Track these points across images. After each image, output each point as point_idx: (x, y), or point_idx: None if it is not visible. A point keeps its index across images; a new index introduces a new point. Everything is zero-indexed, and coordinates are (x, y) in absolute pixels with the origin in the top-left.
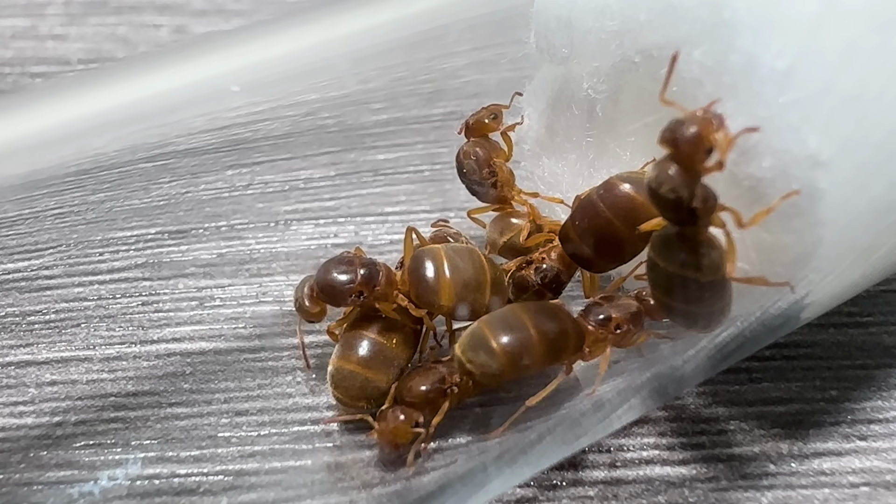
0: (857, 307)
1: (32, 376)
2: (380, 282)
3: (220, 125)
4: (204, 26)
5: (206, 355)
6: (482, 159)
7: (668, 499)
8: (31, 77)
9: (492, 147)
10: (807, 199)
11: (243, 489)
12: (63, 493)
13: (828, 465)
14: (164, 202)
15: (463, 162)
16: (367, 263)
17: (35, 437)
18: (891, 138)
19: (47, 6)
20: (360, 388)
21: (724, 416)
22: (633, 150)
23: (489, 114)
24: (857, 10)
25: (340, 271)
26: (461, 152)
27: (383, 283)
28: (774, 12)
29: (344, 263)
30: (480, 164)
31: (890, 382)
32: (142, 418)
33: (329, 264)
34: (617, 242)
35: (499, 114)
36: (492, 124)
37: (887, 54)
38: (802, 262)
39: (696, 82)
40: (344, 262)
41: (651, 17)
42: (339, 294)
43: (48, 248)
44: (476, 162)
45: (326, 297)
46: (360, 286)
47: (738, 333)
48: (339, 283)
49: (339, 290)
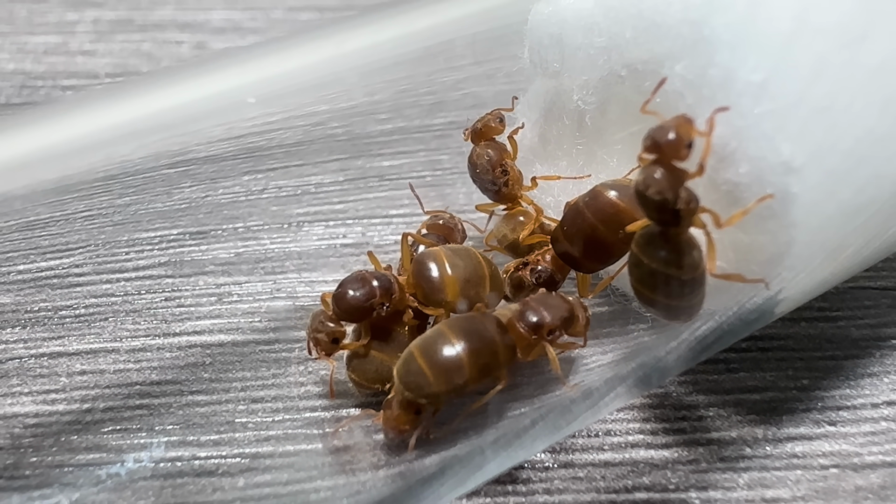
0: (826, 303)
1: (64, 366)
2: (395, 289)
3: (237, 134)
4: (222, 43)
5: (225, 347)
6: (495, 160)
7: (652, 480)
8: (62, 90)
9: (502, 149)
10: (780, 202)
11: (259, 471)
12: (92, 475)
13: (800, 448)
14: (186, 205)
15: (476, 163)
16: (378, 276)
17: (66, 423)
18: (858, 146)
19: (77, 24)
20: (376, 371)
21: (703, 403)
22: (620, 157)
23: (495, 117)
24: (826, 28)
25: (357, 289)
26: (474, 154)
27: (398, 290)
28: (750, 29)
29: (358, 282)
30: (493, 165)
31: (857, 372)
32: (165, 405)
33: (344, 286)
34: (602, 245)
35: (503, 117)
36: (498, 127)
37: (854, 68)
38: (776, 261)
39: (677, 94)
40: (357, 280)
41: (636, 34)
42: (364, 311)
43: (78, 247)
44: (489, 162)
45: (351, 316)
46: (381, 298)
47: (716, 327)
48: (360, 300)
49: (363, 307)
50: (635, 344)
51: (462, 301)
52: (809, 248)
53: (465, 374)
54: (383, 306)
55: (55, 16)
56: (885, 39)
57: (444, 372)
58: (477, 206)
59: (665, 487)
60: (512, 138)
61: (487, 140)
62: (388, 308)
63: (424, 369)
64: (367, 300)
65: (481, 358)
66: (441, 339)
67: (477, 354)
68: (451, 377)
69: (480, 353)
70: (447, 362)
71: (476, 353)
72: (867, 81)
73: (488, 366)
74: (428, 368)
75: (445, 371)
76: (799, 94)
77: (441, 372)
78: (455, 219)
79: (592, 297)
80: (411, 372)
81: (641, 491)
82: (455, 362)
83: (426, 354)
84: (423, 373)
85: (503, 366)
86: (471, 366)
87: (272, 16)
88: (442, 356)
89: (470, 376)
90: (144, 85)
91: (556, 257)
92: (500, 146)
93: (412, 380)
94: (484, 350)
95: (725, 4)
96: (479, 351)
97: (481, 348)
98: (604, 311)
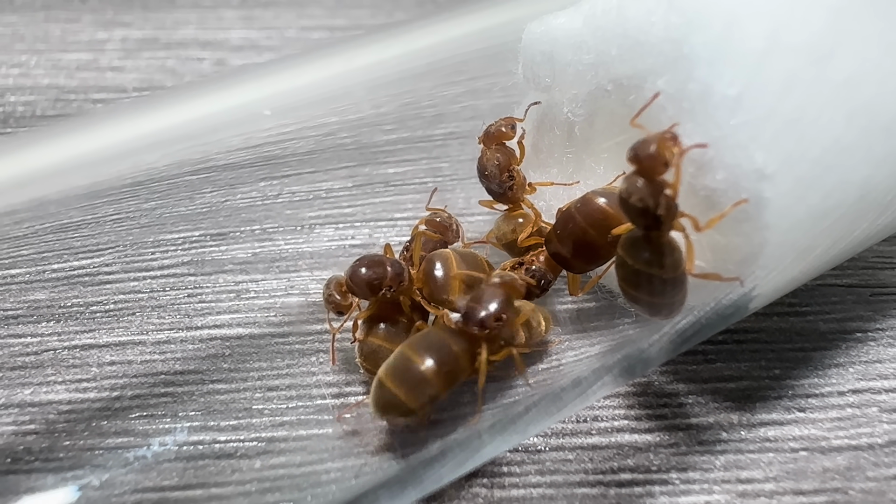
0: (796, 299)
1: (94, 357)
2: (405, 279)
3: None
4: (240, 59)
5: (243, 339)
6: (503, 165)
7: (636, 462)
8: (92, 103)
9: (510, 154)
10: (754, 206)
11: (274, 453)
12: (120, 457)
13: (772, 433)
14: (207, 209)
15: (486, 165)
16: (393, 263)
17: (97, 409)
18: (825, 155)
19: (107, 42)
20: (384, 359)
21: (683, 391)
22: (606, 164)
23: (507, 124)
24: (796, 46)
25: (371, 268)
26: (484, 157)
27: (407, 280)
28: (726, 47)
29: (375, 262)
30: (501, 169)
31: (825, 363)
32: (188, 393)
33: (361, 263)
34: (592, 247)
35: (515, 125)
36: (509, 133)
37: (822, 84)
38: (750, 261)
39: (659, 107)
40: (375, 261)
41: (621, 52)
42: (370, 288)
43: (108, 248)
44: (498, 167)
45: (360, 291)
46: (389, 281)
47: (695, 321)
48: (371, 278)
49: (371, 285)
50: (621, 337)
51: (462, 299)
52: (781, 249)
53: (435, 385)
54: (390, 289)
55: (86, 35)
56: (851, 57)
57: (414, 388)
58: (480, 202)
59: (648, 469)
60: (521, 143)
61: (498, 144)
62: (393, 291)
63: (396, 392)
64: (378, 280)
65: (444, 367)
66: (404, 361)
67: (440, 364)
68: (423, 391)
69: (443, 362)
70: (414, 379)
71: (439, 364)
72: (834, 95)
73: (453, 372)
74: (398, 390)
75: (415, 387)
76: (771, 106)
77: (411, 389)
78: (452, 218)
79: (582, 294)
80: (384, 397)
81: (626, 472)
82: (422, 377)
83: (394, 378)
84: (395, 395)
85: (467, 369)
86: (437, 376)
87: (286, 35)
88: (408, 375)
89: (440, 386)
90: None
91: (550, 258)
92: (510, 151)
93: (387, 402)
94: (446, 360)
95: (703, 24)
96: (441, 361)
97: (442, 358)
98: (591, 306)
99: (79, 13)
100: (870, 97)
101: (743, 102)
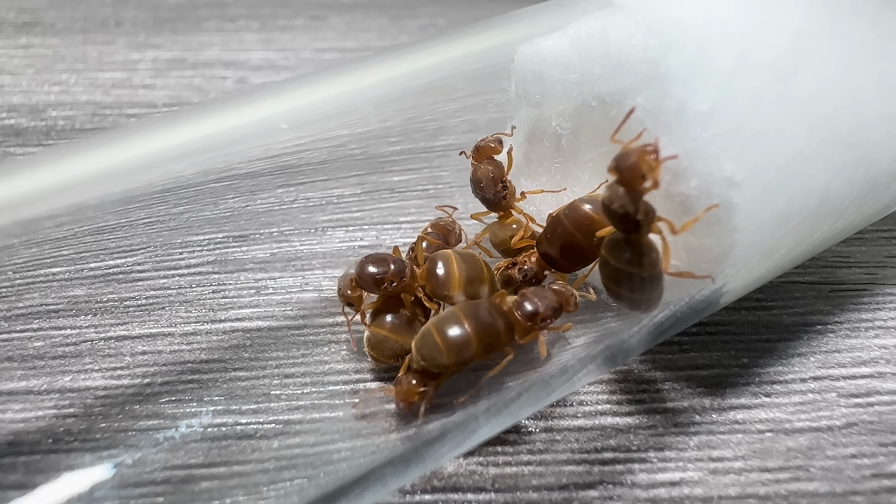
0: (763, 294)
1: (128, 347)
2: (406, 275)
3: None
4: (260, 78)
5: (262, 331)
6: (496, 176)
7: (618, 442)
8: (126, 117)
9: (501, 167)
10: (724, 211)
11: (290, 434)
12: (151, 438)
13: (740, 416)
14: (229, 213)
15: (481, 178)
16: (396, 261)
17: (129, 395)
18: (789, 164)
19: (139, 63)
20: (391, 349)
21: (660, 378)
22: (591, 173)
23: (495, 140)
24: (763, 66)
25: (376, 265)
26: (478, 171)
27: (408, 277)
28: (699, 67)
29: (380, 260)
30: (495, 181)
31: (788, 352)
32: (212, 380)
33: (367, 260)
34: (579, 249)
35: (502, 140)
36: (497, 147)
37: (786, 100)
38: (721, 260)
39: (638, 121)
40: (380, 259)
41: (604, 71)
42: (375, 282)
43: (140, 248)
44: (492, 179)
45: (365, 284)
46: (391, 277)
47: (671, 314)
48: (375, 273)
49: (375, 279)
50: (604, 329)
51: (461, 296)
52: (748, 250)
53: (472, 350)
54: (392, 283)
55: (121, 56)
56: (812, 76)
57: (455, 347)
58: (472, 216)
59: (628, 448)
60: (510, 154)
61: (487, 158)
62: (395, 286)
63: (439, 343)
64: (381, 275)
65: (486, 338)
66: (454, 320)
67: (482, 335)
68: (460, 352)
69: (485, 333)
70: (458, 339)
71: (482, 334)
72: (796, 111)
73: (491, 345)
74: (441, 343)
75: (456, 346)
76: (740, 121)
77: (452, 346)
78: (455, 223)
79: None
80: (427, 345)
81: (609, 451)
82: (465, 340)
83: (441, 331)
84: (437, 346)
85: (503, 346)
86: (477, 343)
87: (301, 56)
88: (454, 334)
89: (476, 352)
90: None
91: (540, 259)
92: (500, 164)
93: (427, 352)
94: (488, 331)
95: (678, 46)
96: (484, 332)
97: (486, 330)
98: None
99: (114, 36)
100: (829, 112)
101: (714, 117)
